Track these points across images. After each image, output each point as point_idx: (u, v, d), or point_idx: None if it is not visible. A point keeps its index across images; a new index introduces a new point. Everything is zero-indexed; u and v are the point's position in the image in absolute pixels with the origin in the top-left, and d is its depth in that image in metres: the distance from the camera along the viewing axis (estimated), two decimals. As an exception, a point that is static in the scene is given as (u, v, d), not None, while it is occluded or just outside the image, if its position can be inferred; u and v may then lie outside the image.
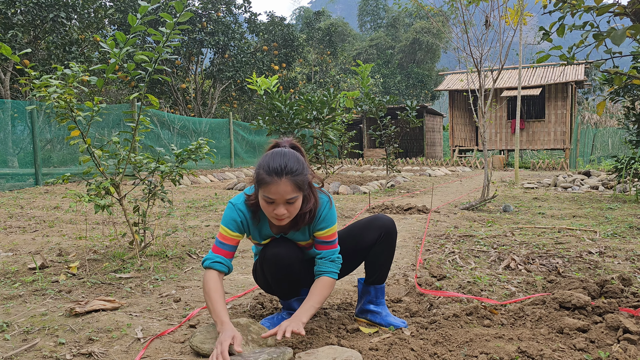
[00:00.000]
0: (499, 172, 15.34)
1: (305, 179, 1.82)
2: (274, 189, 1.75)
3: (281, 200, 1.77)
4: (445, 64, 47.49)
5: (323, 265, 1.99)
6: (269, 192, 1.76)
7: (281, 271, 1.98)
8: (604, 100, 3.00)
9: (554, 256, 3.39)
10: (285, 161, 1.77)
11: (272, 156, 1.80)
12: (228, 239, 1.94)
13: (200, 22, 17.47)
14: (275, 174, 1.74)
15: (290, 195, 1.76)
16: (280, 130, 5.78)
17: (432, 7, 7.57)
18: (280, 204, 1.78)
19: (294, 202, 1.79)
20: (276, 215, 1.80)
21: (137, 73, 3.00)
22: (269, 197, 1.77)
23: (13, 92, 13.13)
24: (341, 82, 27.72)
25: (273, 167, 1.75)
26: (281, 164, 1.76)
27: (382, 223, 2.07)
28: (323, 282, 1.96)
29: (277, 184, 1.74)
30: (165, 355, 1.85)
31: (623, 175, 7.08)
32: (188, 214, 5.67)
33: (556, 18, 2.57)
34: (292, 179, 1.76)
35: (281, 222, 1.83)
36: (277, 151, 1.83)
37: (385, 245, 2.08)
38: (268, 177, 1.75)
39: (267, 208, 1.81)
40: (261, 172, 1.78)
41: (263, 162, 1.81)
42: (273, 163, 1.76)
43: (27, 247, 3.77)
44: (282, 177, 1.74)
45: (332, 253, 2.01)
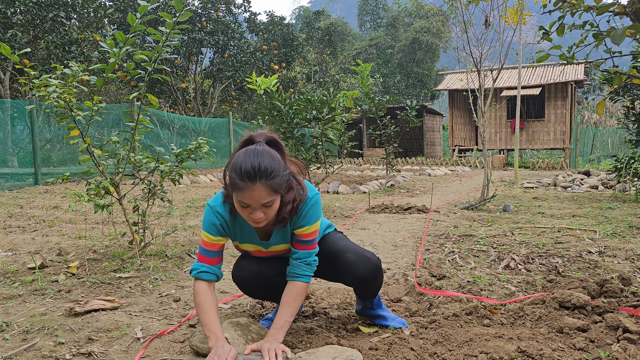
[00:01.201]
0: (499, 171, 15.34)
1: (283, 180, 1.66)
2: (248, 194, 1.60)
3: (257, 205, 1.63)
4: (445, 64, 47.50)
5: (298, 268, 1.85)
6: (242, 198, 1.62)
7: (253, 292, 2.03)
8: (604, 99, 3.00)
9: (553, 256, 3.39)
10: (258, 163, 1.60)
11: (244, 157, 1.63)
12: (210, 245, 1.83)
13: (200, 21, 17.46)
14: (248, 178, 1.59)
15: (266, 200, 1.62)
16: (280, 129, 5.78)
17: (431, 6, 7.57)
18: (256, 209, 1.64)
19: (270, 205, 1.65)
20: (253, 219, 1.68)
21: (137, 73, 3.00)
22: (243, 202, 1.63)
23: (12, 91, 13.12)
24: (341, 82, 27.72)
25: (245, 171, 1.59)
26: (254, 166, 1.59)
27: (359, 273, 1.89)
28: (296, 290, 1.83)
29: (250, 189, 1.59)
30: (164, 355, 1.85)
31: (623, 174, 7.08)
32: (188, 214, 5.67)
33: (556, 17, 2.57)
34: (267, 183, 1.60)
35: (258, 224, 1.70)
36: (251, 150, 1.65)
37: (366, 286, 1.93)
38: (241, 182, 1.60)
39: (243, 212, 1.67)
40: (233, 175, 1.63)
41: (235, 163, 1.64)
42: (245, 165, 1.60)
43: (27, 247, 3.77)
44: (255, 181, 1.59)
45: (308, 255, 1.86)
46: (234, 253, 3.61)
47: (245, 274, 1.96)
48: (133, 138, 3.31)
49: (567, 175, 10.72)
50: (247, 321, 1.93)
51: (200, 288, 1.80)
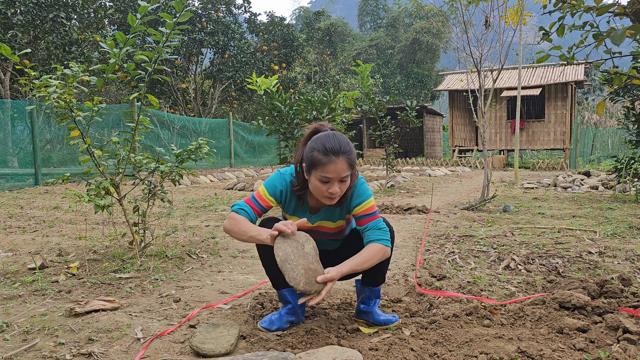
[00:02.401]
0: (499, 172, 15.34)
1: (355, 158, 1.91)
2: (332, 167, 1.83)
3: (337, 178, 1.85)
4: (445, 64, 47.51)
5: (372, 234, 1.98)
6: (326, 172, 1.84)
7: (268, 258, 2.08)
8: (604, 100, 3.00)
9: (553, 256, 3.39)
10: (339, 141, 1.86)
11: (325, 138, 1.88)
12: (263, 200, 2.04)
13: (200, 22, 17.47)
14: (333, 153, 1.83)
15: (345, 173, 1.86)
16: (280, 130, 5.78)
17: (432, 7, 7.58)
18: (335, 182, 1.86)
19: (346, 180, 1.88)
20: (330, 194, 1.88)
21: (137, 73, 3.00)
22: (326, 177, 1.85)
23: (13, 92, 13.13)
24: (341, 82, 27.72)
25: (330, 147, 1.84)
26: (336, 144, 1.85)
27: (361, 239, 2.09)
28: (371, 249, 1.95)
29: (334, 162, 1.83)
30: (165, 355, 1.85)
31: (623, 175, 7.08)
32: (188, 214, 5.67)
33: (556, 18, 2.57)
34: (347, 157, 1.86)
35: (333, 200, 1.91)
36: (328, 133, 1.91)
37: (377, 265, 2.05)
38: (325, 158, 1.83)
39: (322, 187, 1.88)
40: (316, 154, 1.86)
41: (316, 144, 1.88)
42: (328, 144, 1.85)
43: (27, 247, 3.77)
44: (339, 156, 1.84)
45: (377, 222, 2.00)
46: (234, 253, 3.62)
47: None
48: (133, 138, 3.31)
49: (567, 176, 10.72)
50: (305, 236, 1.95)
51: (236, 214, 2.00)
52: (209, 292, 2.66)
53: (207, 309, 2.38)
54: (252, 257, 3.53)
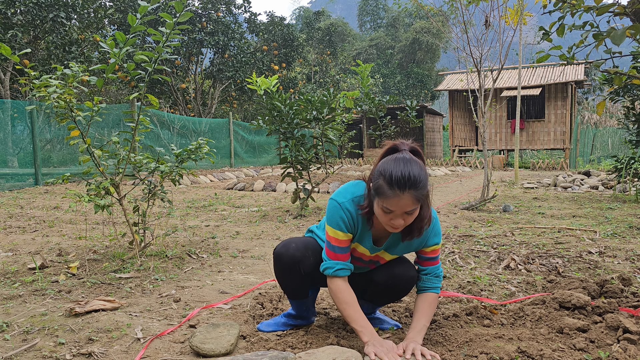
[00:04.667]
0: (499, 172, 15.34)
1: (427, 191, 1.69)
2: (395, 202, 1.63)
3: (400, 212, 1.66)
4: (445, 64, 47.51)
5: (429, 282, 1.93)
6: (389, 205, 1.65)
7: (284, 270, 1.97)
8: (604, 100, 3.00)
9: (553, 256, 3.39)
10: (408, 172, 1.62)
11: (395, 166, 1.64)
12: (340, 242, 1.84)
13: (200, 22, 17.46)
14: (398, 187, 1.61)
15: (410, 208, 1.65)
16: (280, 130, 5.78)
17: (432, 7, 7.57)
18: (398, 216, 1.67)
19: (412, 213, 1.68)
20: (392, 225, 1.71)
21: (137, 73, 3.00)
22: (388, 209, 1.66)
23: (13, 92, 13.12)
24: (341, 82, 27.71)
25: (397, 180, 1.61)
26: (405, 175, 1.61)
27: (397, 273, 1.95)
28: (430, 300, 1.90)
29: (398, 197, 1.62)
30: (165, 355, 1.85)
31: (623, 175, 7.07)
32: (188, 214, 5.67)
33: (556, 18, 2.57)
34: (415, 193, 1.62)
35: (396, 230, 1.73)
36: (401, 158, 1.67)
37: (389, 294, 2.00)
38: (389, 191, 1.63)
39: (384, 217, 1.70)
40: (382, 181, 1.65)
41: (384, 169, 1.66)
42: (397, 175, 1.62)
43: (27, 247, 3.77)
44: (405, 191, 1.61)
45: (436, 268, 1.95)
46: (234, 253, 3.61)
47: (284, 250, 1.95)
48: (133, 138, 3.31)
49: (567, 176, 10.72)
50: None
51: (341, 285, 1.83)
52: (209, 292, 2.66)
53: (207, 309, 2.38)
54: (252, 257, 3.53)
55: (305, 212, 5.65)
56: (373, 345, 1.67)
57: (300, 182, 7.73)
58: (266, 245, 3.93)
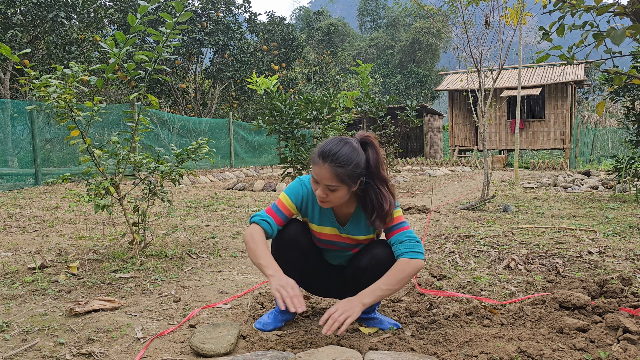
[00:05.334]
0: (499, 172, 15.34)
1: (353, 173, 1.81)
2: (316, 170, 1.83)
3: (321, 183, 1.83)
4: (445, 64, 47.50)
5: (404, 247, 1.91)
6: (313, 172, 1.86)
7: (278, 245, 2.04)
8: (604, 100, 3.00)
9: (553, 256, 3.39)
10: (336, 148, 1.81)
11: (330, 140, 1.87)
12: (283, 206, 2.00)
13: (200, 22, 17.46)
14: (321, 156, 1.82)
15: (329, 182, 1.81)
16: (280, 130, 5.77)
17: (432, 7, 7.57)
18: (321, 186, 1.84)
19: (334, 190, 1.83)
20: (317, 196, 1.87)
21: (137, 73, 3.00)
22: (314, 177, 1.86)
23: (13, 92, 13.12)
24: (341, 82, 27.71)
25: (322, 150, 1.83)
26: (331, 149, 1.81)
27: (375, 252, 1.99)
28: (398, 264, 1.88)
29: (319, 166, 1.82)
30: (165, 355, 1.85)
31: (623, 175, 7.08)
32: (188, 214, 5.67)
33: (556, 18, 2.57)
34: (334, 167, 1.78)
35: (323, 204, 1.89)
36: (338, 138, 1.88)
37: (374, 275, 1.97)
38: (316, 157, 1.84)
39: (313, 185, 1.89)
40: (315, 150, 1.87)
41: (321, 143, 1.89)
42: (325, 146, 1.84)
43: (27, 247, 3.77)
44: (325, 161, 1.80)
45: (403, 234, 1.93)
46: (234, 253, 3.62)
47: (287, 230, 2.03)
48: (133, 138, 3.31)
49: (567, 176, 10.72)
50: None
51: (257, 229, 1.95)
52: (209, 292, 2.66)
53: (207, 308, 2.38)
54: (252, 257, 3.52)
55: (305, 212, 5.65)
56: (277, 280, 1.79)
57: (300, 182, 7.72)
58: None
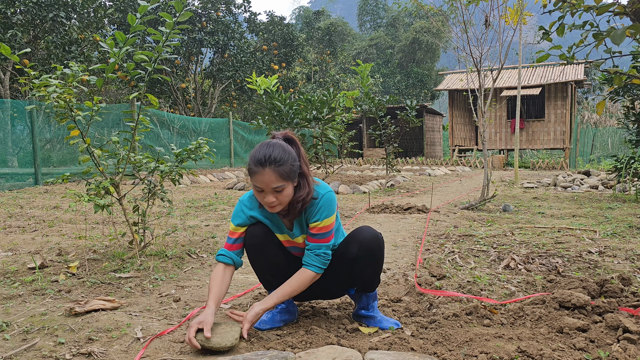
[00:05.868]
0: (499, 171, 15.34)
1: (293, 168, 1.89)
2: (260, 178, 1.85)
3: (268, 188, 1.86)
4: (445, 64, 47.50)
5: (308, 257, 2.00)
6: (256, 182, 1.88)
7: (256, 250, 2.08)
8: (604, 99, 3.00)
9: (553, 256, 3.39)
10: (269, 152, 1.86)
11: (259, 148, 1.90)
12: (231, 233, 2.09)
13: (200, 21, 17.46)
14: (260, 164, 1.85)
15: (275, 184, 1.85)
16: (280, 129, 5.78)
17: (431, 6, 7.57)
18: (268, 193, 1.88)
19: (281, 191, 1.87)
20: (266, 203, 1.90)
21: (137, 73, 3.00)
22: (257, 187, 1.88)
23: (12, 91, 13.12)
24: (341, 82, 27.71)
25: (257, 158, 1.86)
26: (265, 154, 1.85)
27: (362, 237, 2.03)
28: (301, 275, 1.99)
29: (261, 173, 1.84)
30: (164, 355, 1.85)
31: (623, 174, 7.08)
32: (188, 214, 5.67)
33: (556, 17, 2.57)
34: (276, 168, 1.84)
35: (273, 209, 1.92)
36: (265, 142, 1.93)
37: (366, 259, 2.02)
38: (254, 167, 1.86)
39: (259, 196, 1.92)
40: (249, 162, 1.90)
41: (252, 153, 1.91)
42: (258, 154, 1.87)
43: (27, 247, 3.77)
44: (265, 167, 1.84)
45: (319, 247, 1.99)
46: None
47: (254, 239, 2.09)
48: (133, 138, 3.31)
49: (567, 175, 10.72)
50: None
51: (216, 269, 2.06)
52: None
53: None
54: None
55: (305, 211, 5.65)
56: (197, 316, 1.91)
57: (300, 182, 7.72)
58: (266, 245, 3.93)
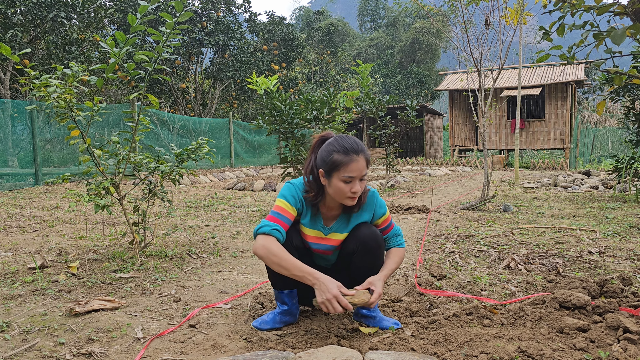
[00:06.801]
0: (499, 171, 15.34)
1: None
2: (354, 165, 1.88)
3: (359, 176, 1.90)
4: (445, 64, 47.49)
5: (390, 241, 2.15)
6: (349, 171, 1.88)
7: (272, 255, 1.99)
8: (604, 99, 3.00)
9: (554, 256, 3.39)
10: (354, 141, 1.92)
11: (341, 140, 1.93)
12: (285, 211, 1.99)
13: (200, 21, 17.46)
14: (354, 152, 1.88)
15: (365, 172, 1.92)
16: (280, 130, 5.77)
17: (432, 6, 7.57)
18: (357, 181, 1.90)
19: (364, 179, 1.94)
20: (353, 194, 1.91)
21: (137, 73, 3.00)
22: (350, 176, 1.88)
23: (13, 92, 13.12)
24: (341, 82, 27.71)
25: (350, 147, 1.89)
26: (354, 142, 1.91)
27: (360, 234, 2.06)
28: (394, 252, 2.12)
29: (356, 160, 1.88)
30: (165, 355, 1.85)
31: (623, 174, 7.07)
32: (188, 214, 5.67)
33: (556, 17, 2.57)
34: (365, 154, 1.92)
35: (354, 200, 1.94)
36: (341, 135, 1.96)
37: (363, 256, 2.05)
38: (346, 157, 1.88)
39: (345, 188, 1.91)
40: (336, 155, 1.89)
41: (334, 147, 1.91)
42: (347, 144, 1.90)
43: (27, 247, 3.77)
44: (359, 154, 1.89)
45: (394, 231, 2.16)
46: (234, 253, 3.62)
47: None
48: (133, 138, 3.31)
49: (568, 176, 10.72)
50: None
51: (273, 241, 1.89)
52: (209, 292, 2.66)
53: (207, 308, 2.38)
54: (252, 257, 3.53)
55: (306, 211, 5.65)
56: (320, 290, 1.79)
57: (301, 182, 7.72)
58: (266, 245, 3.93)
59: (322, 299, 1.78)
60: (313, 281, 1.81)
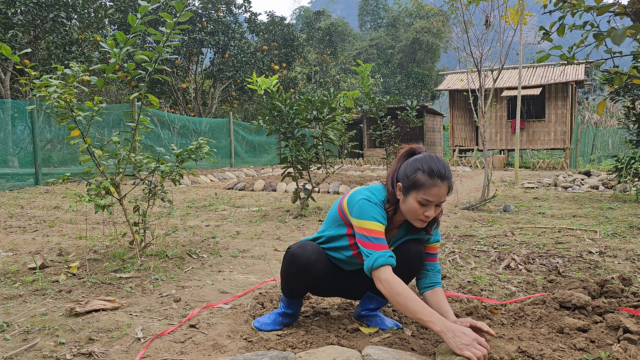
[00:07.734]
0: (499, 171, 15.34)
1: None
2: (436, 191, 1.80)
3: (437, 202, 1.82)
4: (446, 64, 47.49)
5: (435, 277, 2.05)
6: (429, 195, 1.80)
7: (294, 269, 1.97)
8: (604, 100, 3.00)
9: (554, 256, 3.38)
10: (445, 166, 1.84)
11: (431, 160, 1.84)
12: (381, 233, 1.87)
13: (200, 22, 17.47)
14: (439, 177, 1.80)
15: (445, 198, 1.84)
16: (280, 130, 5.77)
17: (432, 6, 7.57)
18: (433, 206, 1.83)
19: (441, 205, 1.86)
20: (425, 217, 1.84)
21: (137, 73, 3.00)
22: (427, 199, 1.81)
23: (13, 92, 13.13)
24: (341, 82, 27.71)
25: (437, 171, 1.80)
26: (442, 168, 1.82)
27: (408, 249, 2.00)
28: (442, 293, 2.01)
29: (439, 186, 1.80)
30: (165, 355, 1.85)
31: (623, 175, 7.07)
32: (188, 214, 5.67)
33: (556, 18, 2.57)
34: (449, 182, 1.83)
35: (424, 223, 1.87)
36: (432, 156, 1.87)
37: (398, 270, 1.98)
38: (430, 180, 1.80)
39: (418, 210, 1.83)
40: (420, 175, 1.81)
41: (421, 165, 1.83)
42: (435, 167, 1.81)
43: (27, 247, 3.77)
44: (444, 180, 1.80)
45: (437, 264, 2.09)
46: (234, 253, 3.62)
47: (300, 251, 1.97)
48: (133, 138, 3.31)
49: (568, 176, 10.71)
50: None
51: (394, 276, 1.79)
52: (210, 292, 2.66)
53: (207, 308, 2.38)
54: (252, 257, 3.53)
55: (306, 212, 5.65)
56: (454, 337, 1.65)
57: (301, 182, 7.73)
58: (266, 245, 3.94)
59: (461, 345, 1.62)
60: (443, 329, 1.66)
